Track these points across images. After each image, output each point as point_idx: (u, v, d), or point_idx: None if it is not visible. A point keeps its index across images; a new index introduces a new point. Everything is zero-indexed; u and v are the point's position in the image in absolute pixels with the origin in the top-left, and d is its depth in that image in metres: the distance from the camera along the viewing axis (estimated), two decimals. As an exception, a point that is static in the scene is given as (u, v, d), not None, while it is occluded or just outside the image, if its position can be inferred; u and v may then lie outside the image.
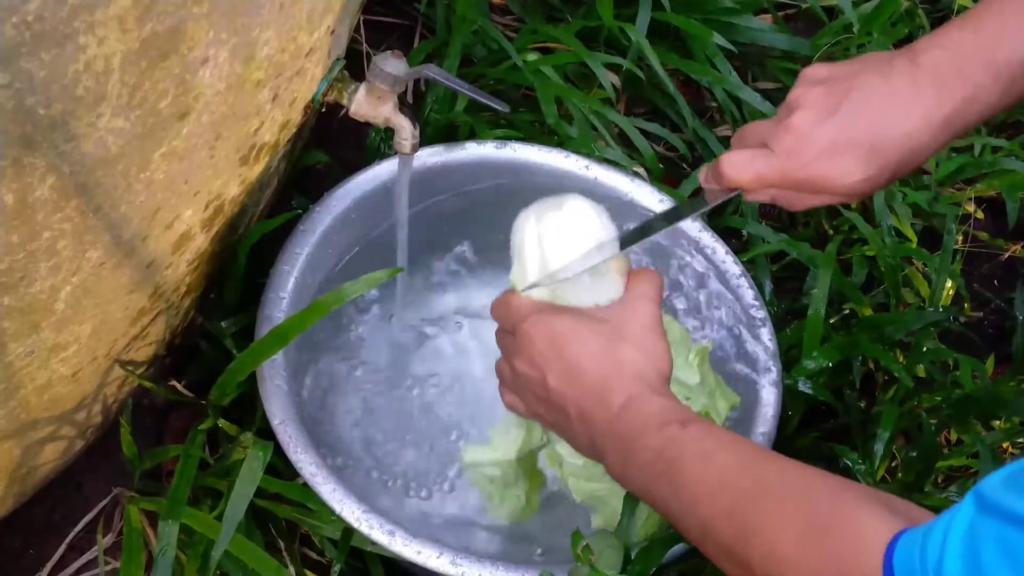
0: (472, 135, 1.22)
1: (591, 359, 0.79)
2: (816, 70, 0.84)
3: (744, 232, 1.28)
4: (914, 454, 1.08)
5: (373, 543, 0.89)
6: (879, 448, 1.05)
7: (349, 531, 0.93)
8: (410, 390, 1.15)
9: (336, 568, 0.95)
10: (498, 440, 0.96)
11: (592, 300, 0.84)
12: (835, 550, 0.60)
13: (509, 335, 0.85)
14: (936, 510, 0.60)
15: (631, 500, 0.86)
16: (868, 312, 1.19)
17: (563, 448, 0.88)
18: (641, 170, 1.26)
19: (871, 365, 1.18)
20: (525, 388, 0.84)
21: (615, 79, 1.35)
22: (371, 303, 1.17)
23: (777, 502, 0.65)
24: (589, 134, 1.27)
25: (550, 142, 1.18)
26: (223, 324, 1.04)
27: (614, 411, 0.77)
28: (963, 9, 1.53)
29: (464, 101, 1.26)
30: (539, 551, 1.02)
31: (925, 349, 1.16)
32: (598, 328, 0.81)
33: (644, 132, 1.34)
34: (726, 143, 1.40)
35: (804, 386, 1.08)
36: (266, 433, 0.94)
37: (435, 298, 1.21)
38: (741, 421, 1.00)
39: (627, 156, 1.27)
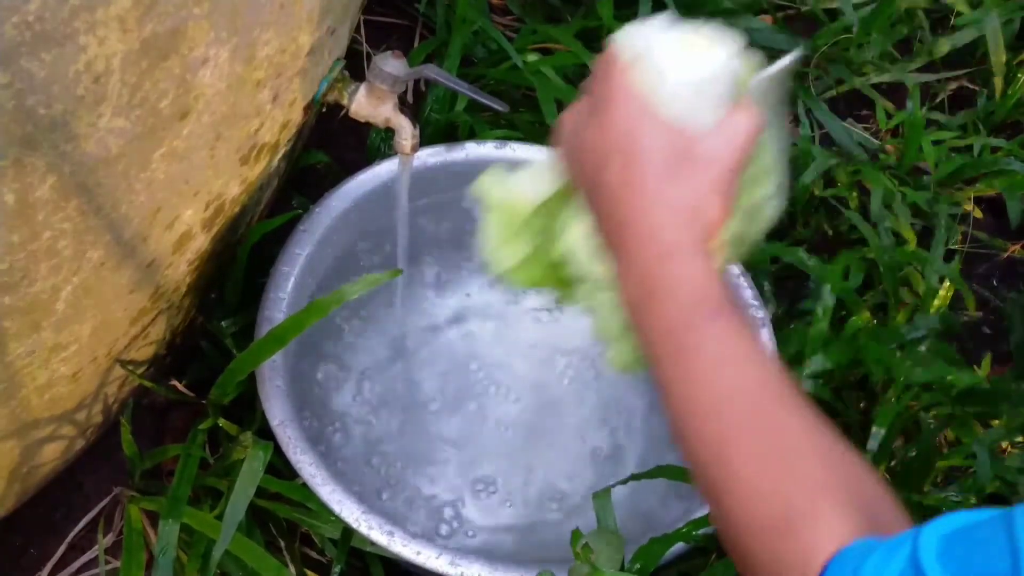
0: (472, 135, 1.22)
1: (664, 157, 0.68)
2: None
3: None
4: (913, 454, 1.08)
5: (372, 543, 0.90)
6: (873, 445, 1.05)
7: (349, 531, 0.93)
8: (411, 390, 1.16)
9: (336, 569, 0.95)
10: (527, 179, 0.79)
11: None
12: (785, 552, 0.57)
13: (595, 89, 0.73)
14: (936, 510, 0.59)
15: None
16: (867, 317, 1.19)
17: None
18: None
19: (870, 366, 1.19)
20: (583, 139, 0.73)
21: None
22: (371, 302, 1.17)
23: (762, 466, 0.60)
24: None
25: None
26: (223, 324, 1.05)
27: (660, 240, 0.68)
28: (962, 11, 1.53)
29: (464, 101, 1.26)
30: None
31: (922, 356, 1.16)
32: (683, 135, 0.70)
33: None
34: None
35: (805, 385, 1.08)
36: (266, 433, 0.94)
37: (436, 298, 1.21)
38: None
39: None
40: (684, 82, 0.71)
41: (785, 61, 0.74)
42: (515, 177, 0.79)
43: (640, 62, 0.71)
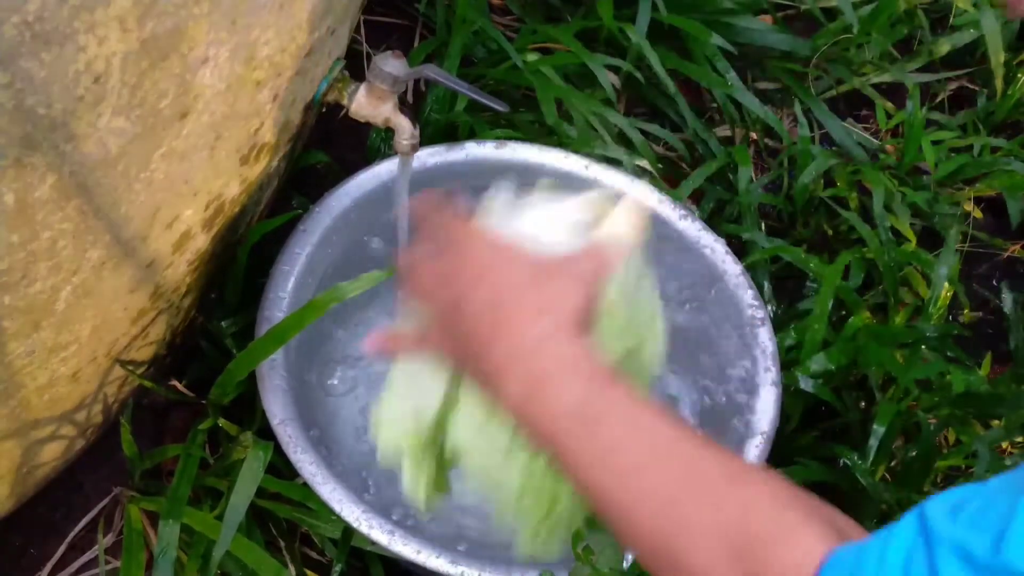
0: (472, 135, 1.22)
1: (522, 275, 0.71)
2: None
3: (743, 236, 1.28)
4: (913, 454, 1.08)
5: (373, 543, 0.90)
6: (873, 444, 1.05)
7: (349, 531, 0.93)
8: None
9: (337, 568, 0.95)
10: (403, 386, 0.81)
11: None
12: (766, 570, 0.55)
13: (440, 247, 0.75)
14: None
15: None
16: (867, 317, 1.19)
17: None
18: (645, 163, 1.26)
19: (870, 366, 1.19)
20: (438, 281, 0.74)
21: (615, 79, 1.35)
22: (371, 303, 1.17)
23: (711, 503, 0.59)
24: (589, 134, 1.27)
25: (550, 142, 1.18)
26: (223, 324, 1.05)
27: (533, 335, 0.68)
28: (962, 11, 1.53)
29: (464, 101, 1.26)
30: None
31: (921, 358, 1.17)
32: (538, 257, 0.72)
33: (644, 132, 1.35)
34: (726, 143, 1.40)
35: (806, 384, 1.08)
36: (266, 433, 0.94)
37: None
38: (740, 421, 1.00)
39: (627, 156, 1.27)
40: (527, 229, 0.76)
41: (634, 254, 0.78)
42: (392, 405, 0.79)
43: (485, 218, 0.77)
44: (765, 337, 1.04)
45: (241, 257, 1.03)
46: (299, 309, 0.94)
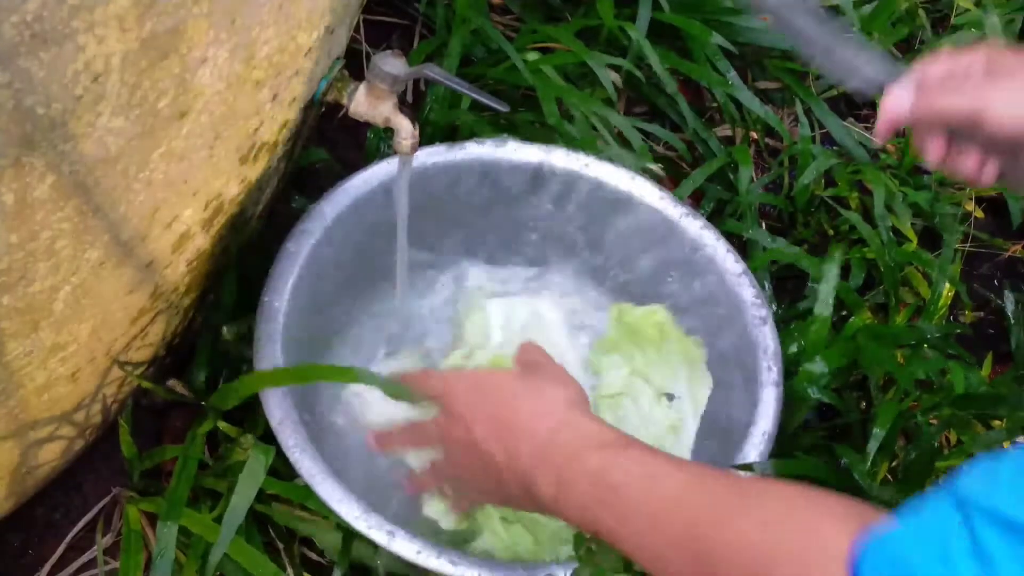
0: (473, 136, 1.22)
1: (516, 398, 0.78)
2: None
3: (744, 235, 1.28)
4: (914, 454, 1.07)
5: (372, 543, 0.89)
6: (872, 446, 1.05)
7: (351, 534, 0.92)
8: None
9: (339, 573, 0.94)
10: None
11: None
12: (801, 571, 0.57)
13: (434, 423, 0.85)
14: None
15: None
16: (868, 317, 1.19)
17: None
18: (657, 168, 1.26)
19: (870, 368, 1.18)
20: (451, 455, 0.84)
21: (616, 78, 1.35)
22: (371, 301, 1.17)
23: (736, 527, 0.61)
24: (589, 134, 1.27)
25: (551, 142, 1.18)
26: (223, 324, 1.04)
27: (543, 435, 0.74)
28: (963, 10, 1.53)
29: (466, 102, 1.26)
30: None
31: (922, 357, 1.16)
32: (515, 374, 0.82)
33: (644, 132, 1.34)
34: (726, 143, 1.40)
35: (813, 391, 1.08)
36: (268, 438, 0.94)
37: (436, 297, 1.21)
38: (742, 421, 1.00)
39: (631, 156, 1.27)
40: None
41: None
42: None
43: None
44: (767, 336, 1.03)
45: (241, 257, 1.02)
46: (318, 365, 0.98)
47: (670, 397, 1.01)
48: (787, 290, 1.29)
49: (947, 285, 1.24)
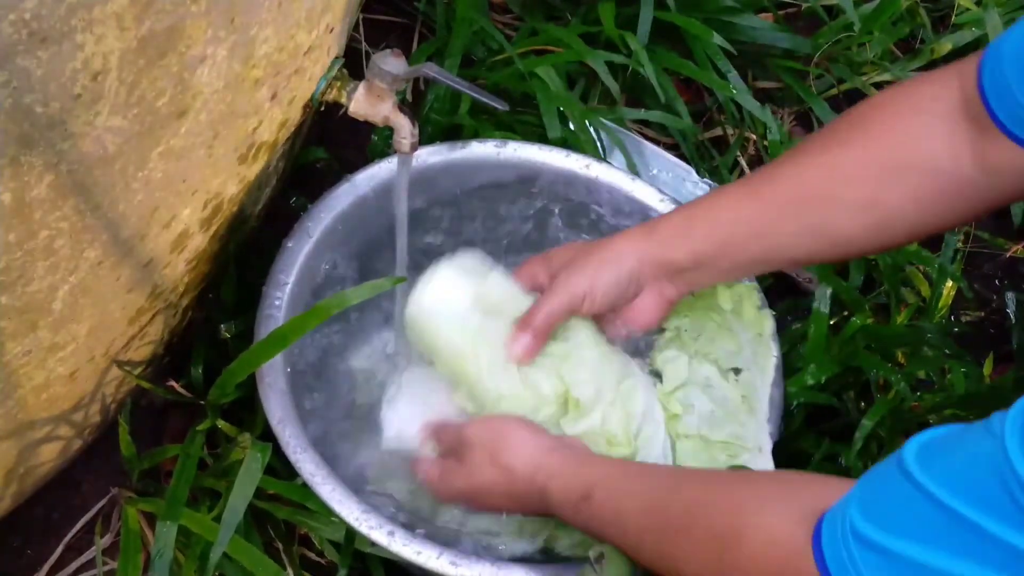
0: (475, 137, 1.21)
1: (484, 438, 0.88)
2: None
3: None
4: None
5: (373, 543, 0.89)
6: (858, 436, 1.05)
7: (352, 533, 0.92)
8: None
9: (342, 573, 0.94)
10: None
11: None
12: (752, 556, 0.67)
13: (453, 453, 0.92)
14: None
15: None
16: (868, 319, 1.18)
17: None
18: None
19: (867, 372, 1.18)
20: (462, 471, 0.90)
21: (615, 87, 1.34)
22: (370, 301, 1.16)
23: (686, 533, 0.72)
24: (589, 134, 1.26)
25: (552, 142, 1.18)
26: (222, 324, 1.04)
27: (526, 467, 0.86)
28: (963, 9, 1.53)
29: (467, 103, 1.25)
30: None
31: (922, 356, 1.16)
32: (478, 427, 0.91)
33: (643, 132, 1.34)
34: (726, 143, 1.40)
35: (812, 392, 1.08)
36: (267, 436, 0.94)
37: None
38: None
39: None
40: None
41: None
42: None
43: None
44: (767, 336, 1.03)
45: (240, 256, 1.02)
46: (302, 314, 0.93)
47: (736, 371, 1.01)
48: (787, 290, 1.29)
49: (948, 285, 1.24)
